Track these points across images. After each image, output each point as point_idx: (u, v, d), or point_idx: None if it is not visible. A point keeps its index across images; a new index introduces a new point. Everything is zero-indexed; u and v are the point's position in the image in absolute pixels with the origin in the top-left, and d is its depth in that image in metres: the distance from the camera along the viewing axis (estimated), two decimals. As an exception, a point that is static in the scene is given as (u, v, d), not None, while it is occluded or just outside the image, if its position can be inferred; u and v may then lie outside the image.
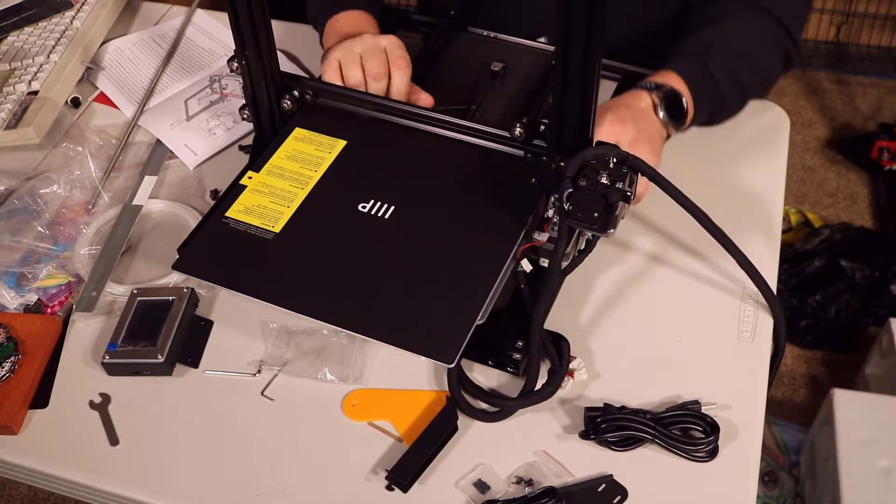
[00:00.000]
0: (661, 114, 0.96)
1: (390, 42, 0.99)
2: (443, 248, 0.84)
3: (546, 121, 0.86)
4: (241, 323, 0.92)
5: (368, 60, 0.97)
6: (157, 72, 1.20)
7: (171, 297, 0.91)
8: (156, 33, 1.29)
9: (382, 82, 0.98)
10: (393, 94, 0.99)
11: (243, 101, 0.98)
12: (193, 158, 1.09)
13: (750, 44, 1.04)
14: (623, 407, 0.83)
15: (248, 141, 1.05)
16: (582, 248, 0.86)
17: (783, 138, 1.10)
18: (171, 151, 1.10)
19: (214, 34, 1.28)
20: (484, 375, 0.87)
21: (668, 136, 0.99)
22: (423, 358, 0.81)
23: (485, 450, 0.82)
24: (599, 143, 0.79)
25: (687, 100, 0.97)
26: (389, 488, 0.79)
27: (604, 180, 0.76)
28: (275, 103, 0.97)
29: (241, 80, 0.95)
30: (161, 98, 1.18)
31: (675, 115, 0.97)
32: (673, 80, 0.98)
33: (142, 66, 1.23)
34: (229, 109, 1.14)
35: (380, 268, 0.83)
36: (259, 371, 0.88)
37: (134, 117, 1.14)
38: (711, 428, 0.81)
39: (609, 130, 0.90)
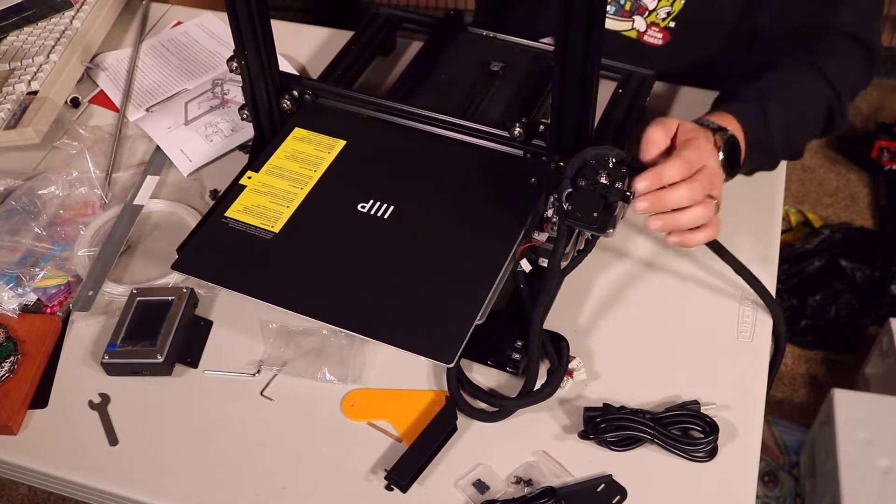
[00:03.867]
0: (721, 157, 0.89)
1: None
2: (442, 247, 0.84)
3: (546, 121, 0.86)
4: (240, 323, 0.92)
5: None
6: (132, 56, 1.17)
7: (170, 297, 0.91)
8: (163, 39, 1.27)
9: None
10: None
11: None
12: (188, 165, 1.07)
13: (806, 101, 0.98)
14: (622, 407, 0.83)
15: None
16: (581, 248, 0.86)
17: (783, 138, 1.10)
18: (171, 152, 1.10)
19: (222, 37, 1.26)
20: (483, 375, 0.87)
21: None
22: (423, 358, 0.81)
23: (484, 450, 0.82)
24: (598, 143, 0.79)
25: (742, 150, 0.92)
26: (389, 488, 0.79)
27: (603, 180, 0.76)
28: (274, 103, 0.97)
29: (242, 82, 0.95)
30: (162, 98, 1.17)
31: (732, 163, 0.91)
32: (733, 126, 0.91)
33: (142, 67, 1.22)
34: (229, 116, 1.11)
35: (379, 268, 0.83)
36: (258, 371, 0.88)
37: (121, 113, 1.12)
38: (711, 428, 0.81)
39: (708, 150, 0.85)
